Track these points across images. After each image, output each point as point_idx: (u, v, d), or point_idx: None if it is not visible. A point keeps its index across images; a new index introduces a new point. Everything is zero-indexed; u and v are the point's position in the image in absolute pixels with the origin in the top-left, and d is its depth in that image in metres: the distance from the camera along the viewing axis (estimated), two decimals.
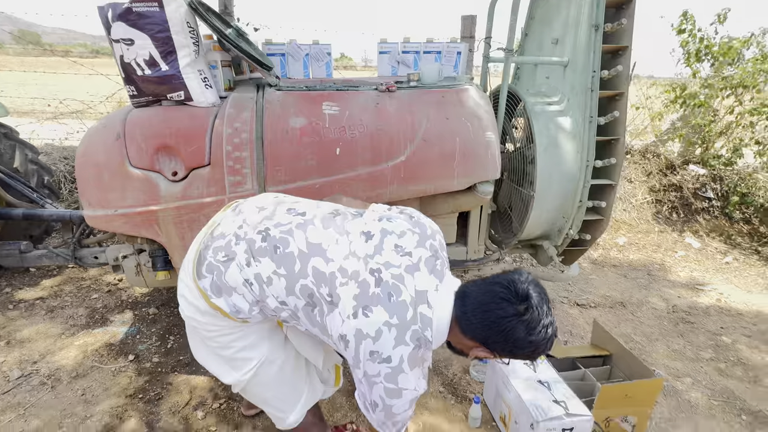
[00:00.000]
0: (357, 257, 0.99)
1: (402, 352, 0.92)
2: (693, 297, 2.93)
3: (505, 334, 0.94)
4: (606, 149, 1.99)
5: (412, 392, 0.97)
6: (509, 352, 0.99)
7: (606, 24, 1.85)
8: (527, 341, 0.94)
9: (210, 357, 1.14)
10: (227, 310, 1.03)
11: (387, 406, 0.97)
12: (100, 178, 1.76)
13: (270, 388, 1.17)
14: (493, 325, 0.95)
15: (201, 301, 1.05)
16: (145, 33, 1.61)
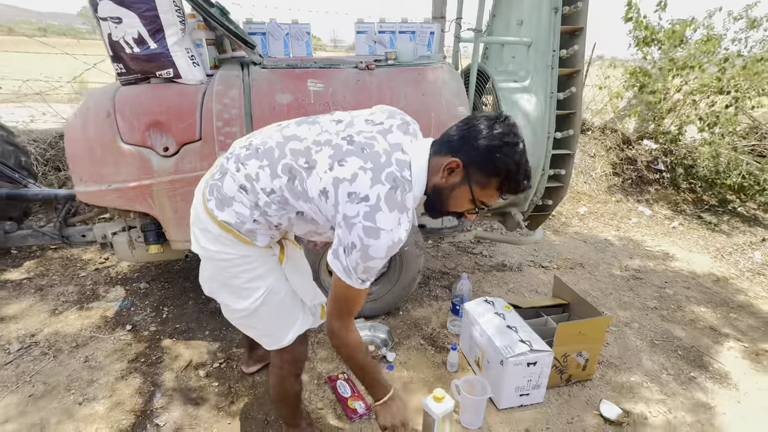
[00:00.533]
0: (329, 132, 1.07)
1: (379, 191, 0.96)
2: (643, 257, 3.27)
3: (471, 134, 1.01)
4: (565, 122, 2.20)
5: (389, 234, 0.96)
6: (475, 154, 1.00)
7: (564, 7, 2.04)
8: (497, 147, 0.98)
9: (221, 288, 1.21)
10: (233, 221, 1.09)
11: (365, 246, 0.96)
12: (92, 154, 1.82)
13: (272, 315, 1.26)
14: (472, 130, 1.01)
15: (211, 224, 1.11)
16: (132, 11, 1.67)
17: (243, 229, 1.12)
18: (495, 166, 1.00)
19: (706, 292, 2.81)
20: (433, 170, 1.06)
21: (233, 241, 1.13)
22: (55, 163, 3.46)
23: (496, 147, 0.98)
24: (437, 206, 1.11)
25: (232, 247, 1.14)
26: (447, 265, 2.97)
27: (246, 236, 1.13)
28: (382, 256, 0.98)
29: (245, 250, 1.16)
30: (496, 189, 1.04)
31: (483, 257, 3.11)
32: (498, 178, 1.02)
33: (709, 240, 3.64)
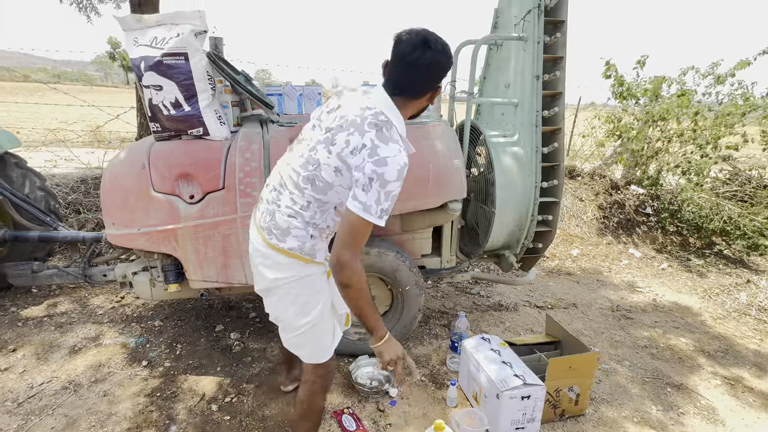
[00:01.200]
0: (313, 138, 1.32)
1: (369, 136, 1.16)
2: (633, 298, 3.41)
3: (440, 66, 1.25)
4: (550, 173, 2.44)
5: (394, 159, 1.15)
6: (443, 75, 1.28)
7: (544, 75, 2.34)
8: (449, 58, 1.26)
9: (288, 307, 1.40)
10: (296, 245, 1.32)
11: (379, 175, 1.13)
12: (126, 201, 2.03)
13: (324, 327, 1.45)
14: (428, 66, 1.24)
15: (280, 256, 1.34)
16: (172, 80, 1.94)
17: (306, 249, 1.35)
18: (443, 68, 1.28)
19: (694, 331, 2.93)
20: (409, 107, 1.31)
21: (299, 264, 1.36)
22: (75, 206, 3.68)
23: (450, 58, 1.27)
24: (417, 115, 1.39)
25: (298, 269, 1.37)
26: (446, 304, 3.11)
27: (309, 255, 1.36)
28: (395, 178, 1.16)
29: (308, 269, 1.38)
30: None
31: (480, 297, 3.25)
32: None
33: (697, 282, 3.79)
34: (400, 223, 2.42)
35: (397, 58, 1.25)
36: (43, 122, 10.78)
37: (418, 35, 1.22)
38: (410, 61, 1.21)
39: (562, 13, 2.31)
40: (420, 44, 1.20)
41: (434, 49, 1.22)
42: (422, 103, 1.33)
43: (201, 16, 1.94)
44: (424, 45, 1.21)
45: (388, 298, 2.47)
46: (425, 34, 1.22)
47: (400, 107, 1.28)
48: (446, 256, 2.63)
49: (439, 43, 1.22)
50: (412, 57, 1.21)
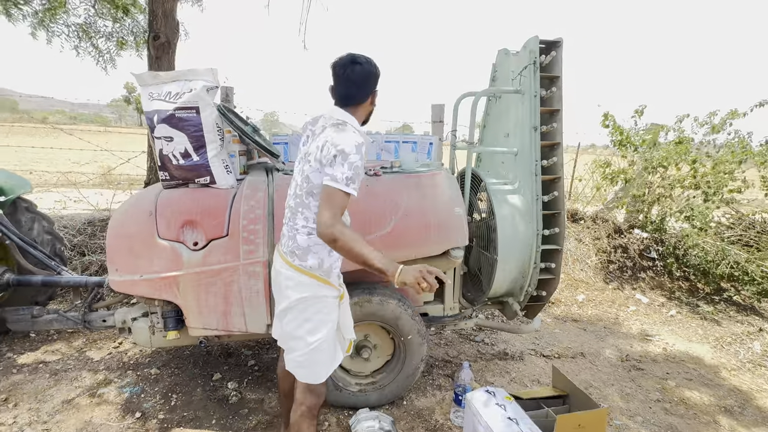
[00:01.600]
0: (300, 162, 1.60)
1: (328, 133, 1.45)
2: (643, 347, 3.31)
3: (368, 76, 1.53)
4: (551, 221, 2.45)
5: (351, 137, 1.42)
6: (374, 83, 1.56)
7: (542, 126, 2.41)
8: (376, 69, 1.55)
9: (302, 324, 1.56)
10: (316, 263, 1.53)
11: (339, 149, 1.39)
12: (131, 248, 2.05)
13: (330, 347, 1.60)
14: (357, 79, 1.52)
15: (302, 276, 1.53)
16: (183, 132, 2.02)
17: (324, 267, 1.55)
18: (377, 77, 1.58)
19: (708, 383, 2.82)
20: (357, 113, 1.57)
21: (318, 284, 1.55)
22: (81, 249, 3.71)
23: (376, 71, 1.57)
24: (368, 119, 1.67)
25: (317, 289, 1.55)
26: (449, 353, 3.03)
27: (326, 275, 1.56)
28: (354, 151, 1.40)
29: (325, 290, 1.56)
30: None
31: (485, 345, 3.17)
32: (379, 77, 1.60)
33: (708, 329, 3.69)
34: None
35: (336, 78, 1.54)
36: (57, 163, 11.11)
37: (346, 56, 1.53)
38: (346, 76, 1.51)
39: (556, 69, 2.42)
40: (349, 62, 1.51)
41: (361, 63, 1.51)
42: (368, 107, 1.61)
43: (213, 73, 2.05)
44: (352, 62, 1.51)
45: (389, 348, 2.41)
46: (351, 54, 1.53)
47: (352, 114, 1.56)
48: (449, 303, 2.60)
49: (363, 58, 1.53)
50: (346, 73, 1.50)
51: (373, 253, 1.36)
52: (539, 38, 2.37)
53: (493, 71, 2.90)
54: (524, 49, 2.46)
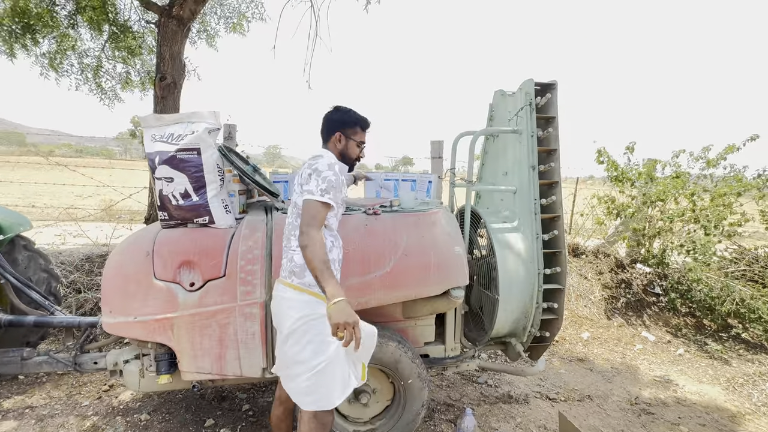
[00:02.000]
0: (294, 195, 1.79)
1: (308, 164, 1.70)
2: (652, 389, 3.20)
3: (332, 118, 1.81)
4: (552, 259, 2.43)
5: (324, 158, 1.68)
6: (341, 123, 1.80)
7: (540, 165, 2.43)
8: (345, 114, 1.80)
9: (306, 346, 1.56)
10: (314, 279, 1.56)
11: (314, 169, 1.63)
12: (126, 289, 2.02)
13: (336, 370, 1.57)
14: (329, 122, 1.81)
15: (301, 294, 1.60)
16: (183, 173, 2.03)
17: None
18: (348, 121, 1.81)
19: (722, 429, 2.70)
20: (329, 149, 1.81)
21: (318, 302, 1.57)
22: (77, 286, 3.66)
23: (343, 115, 1.81)
24: (348, 160, 1.85)
25: (318, 307, 1.57)
26: (452, 395, 2.92)
27: (320, 292, 1.54)
28: (327, 169, 1.62)
29: (324, 308, 1.51)
30: (360, 129, 1.84)
31: (488, 387, 3.06)
32: (355, 124, 1.82)
33: (718, 369, 3.58)
34: (402, 310, 2.37)
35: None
36: (60, 196, 11.21)
37: (332, 107, 1.84)
38: (322, 119, 1.83)
39: (552, 110, 2.47)
40: (330, 110, 1.84)
41: (333, 111, 1.82)
42: (336, 144, 1.81)
43: (216, 115, 2.09)
44: (330, 109, 1.84)
45: (389, 392, 2.33)
46: (336, 105, 1.84)
47: (327, 149, 1.81)
48: (450, 344, 2.53)
49: (339, 107, 1.83)
50: (323, 117, 1.83)
51: (327, 273, 1.46)
52: (534, 81, 2.43)
53: (491, 111, 2.97)
54: (520, 91, 2.52)
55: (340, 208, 1.74)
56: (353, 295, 2.11)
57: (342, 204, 1.75)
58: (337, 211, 1.73)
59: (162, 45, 3.75)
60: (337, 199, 1.64)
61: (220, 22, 5.14)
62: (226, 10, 5.04)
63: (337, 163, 1.71)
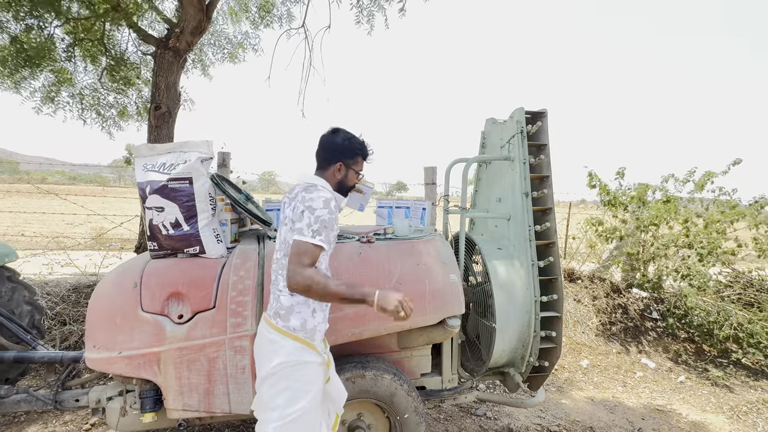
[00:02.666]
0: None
1: (300, 195, 1.58)
2: (656, 419, 3.11)
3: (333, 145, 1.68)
4: (548, 286, 2.40)
5: (319, 194, 1.53)
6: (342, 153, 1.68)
7: (533, 191, 2.44)
8: (347, 141, 1.68)
9: (282, 392, 1.50)
10: (299, 323, 1.54)
11: (307, 206, 1.51)
12: (112, 321, 1.95)
13: (312, 419, 1.51)
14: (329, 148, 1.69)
15: (285, 339, 1.52)
16: (174, 202, 2.01)
17: (308, 328, 1.54)
18: (350, 150, 1.70)
19: None
20: (327, 177, 1.68)
21: (301, 348, 1.51)
22: (62, 317, 3.55)
23: (345, 143, 1.69)
24: (341, 190, 1.73)
25: (299, 354, 1.51)
26: (450, 429, 2.82)
27: (309, 338, 1.54)
28: (321, 206, 1.50)
29: (307, 356, 1.53)
30: (361, 159, 1.74)
31: (487, 420, 2.96)
32: (356, 154, 1.71)
33: (721, 397, 3.50)
34: (397, 341, 2.31)
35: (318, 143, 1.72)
36: (50, 224, 11.08)
37: (331, 128, 1.72)
38: (321, 141, 1.71)
39: (543, 137, 2.50)
40: (329, 131, 1.72)
41: (335, 133, 1.70)
42: (336, 174, 1.69)
43: (208, 145, 2.09)
44: (331, 131, 1.71)
45: (385, 427, 2.24)
46: (336, 127, 1.72)
47: (323, 177, 1.68)
48: (447, 375, 2.46)
49: (341, 131, 1.71)
50: (322, 139, 1.71)
51: (346, 290, 1.42)
52: (525, 109, 2.48)
53: (483, 138, 3.00)
54: (511, 119, 2.56)
55: (331, 246, 1.62)
56: (346, 326, 2.05)
57: (334, 241, 1.63)
58: (328, 251, 1.62)
59: (158, 75, 3.80)
60: (329, 239, 1.54)
61: (217, 54, 5.24)
62: (222, 42, 5.14)
63: (333, 199, 1.57)
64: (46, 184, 22.64)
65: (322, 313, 1.62)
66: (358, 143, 1.71)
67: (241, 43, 5.31)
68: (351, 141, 1.69)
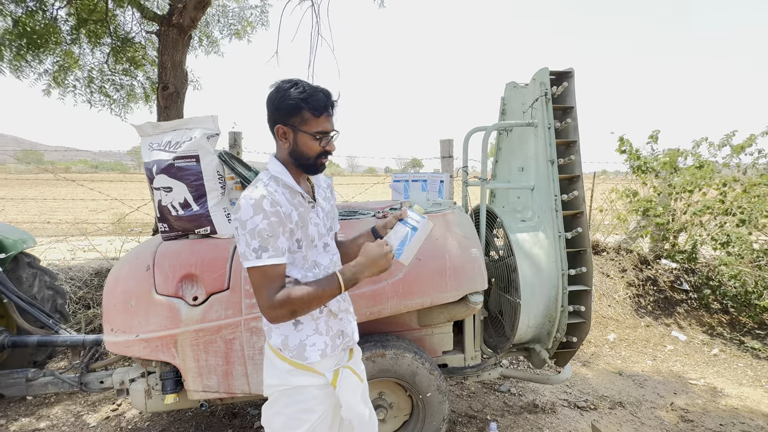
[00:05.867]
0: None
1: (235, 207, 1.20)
2: (688, 393, 2.99)
3: (268, 104, 1.23)
4: (576, 259, 2.27)
5: (245, 197, 1.16)
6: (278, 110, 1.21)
7: (559, 159, 2.28)
8: (281, 93, 1.19)
9: (276, 416, 1.28)
10: (279, 341, 1.26)
11: (236, 219, 1.15)
12: (127, 305, 1.93)
13: None
14: (269, 109, 1.23)
15: (275, 359, 1.27)
16: (182, 182, 1.94)
17: (292, 345, 1.25)
18: (287, 104, 1.19)
19: None
20: (279, 156, 1.28)
21: (291, 371, 1.25)
22: (86, 301, 3.61)
23: (279, 95, 1.20)
24: (304, 164, 1.26)
25: (287, 377, 1.26)
26: (473, 406, 2.76)
27: (297, 357, 1.25)
28: (251, 214, 1.13)
29: (299, 379, 1.25)
30: (310, 114, 1.20)
31: (512, 396, 2.90)
32: (298, 107, 1.19)
33: (759, 370, 3.34)
34: (417, 318, 2.23)
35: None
36: (75, 211, 11.40)
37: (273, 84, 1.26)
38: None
39: (569, 99, 2.31)
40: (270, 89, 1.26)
41: (271, 89, 1.24)
42: (282, 147, 1.26)
43: (213, 120, 1.99)
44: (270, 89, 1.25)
45: (407, 406, 2.19)
46: (279, 82, 1.24)
47: (276, 157, 1.29)
48: (470, 352, 2.38)
49: (277, 84, 1.23)
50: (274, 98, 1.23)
51: (326, 289, 1.16)
52: (549, 69, 2.29)
53: (502, 104, 2.82)
54: (534, 82, 2.38)
55: (302, 246, 1.26)
56: (364, 304, 1.98)
57: (302, 239, 1.25)
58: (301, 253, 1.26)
59: (163, 54, 3.70)
60: (282, 246, 1.17)
61: (224, 30, 5.10)
62: (228, 17, 4.99)
63: (266, 196, 1.15)
64: (70, 173, 23.22)
65: (313, 322, 1.27)
66: (298, 91, 1.18)
67: (249, 21, 5.15)
68: (286, 91, 1.19)
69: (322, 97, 1.21)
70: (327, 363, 1.29)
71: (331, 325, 1.32)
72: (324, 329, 1.29)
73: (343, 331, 1.35)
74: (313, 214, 1.32)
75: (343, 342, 1.35)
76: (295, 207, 1.25)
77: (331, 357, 1.30)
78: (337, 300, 1.33)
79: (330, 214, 1.45)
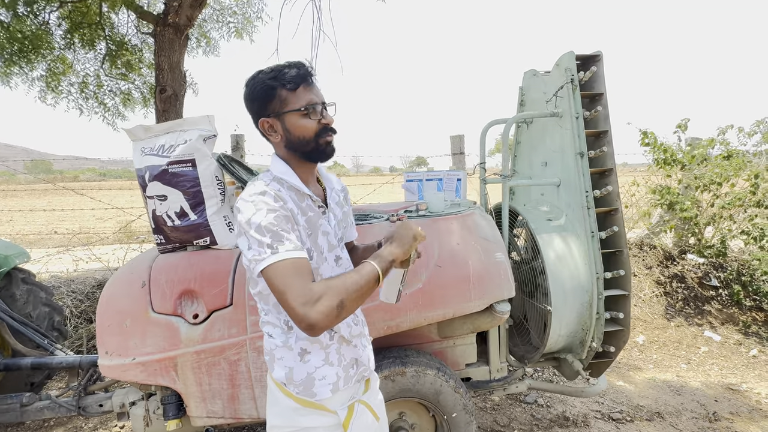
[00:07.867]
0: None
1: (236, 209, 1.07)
2: (731, 400, 2.77)
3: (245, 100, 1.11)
4: (611, 261, 2.06)
5: (244, 195, 1.04)
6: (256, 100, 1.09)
7: (589, 151, 2.08)
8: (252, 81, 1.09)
9: None
10: (283, 374, 1.08)
11: (239, 221, 1.00)
12: (122, 325, 1.76)
13: None
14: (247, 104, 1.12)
15: (278, 392, 1.10)
16: (177, 189, 1.77)
17: (297, 380, 1.07)
18: (262, 89, 1.07)
19: None
20: (276, 153, 1.16)
21: (295, 410, 1.08)
22: (88, 315, 3.47)
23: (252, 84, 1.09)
24: (306, 150, 1.11)
25: (294, 418, 1.08)
26: (499, 420, 2.57)
27: (304, 393, 1.07)
28: (253, 210, 0.99)
29: (309, 419, 1.07)
30: (285, 91, 1.07)
31: (539, 408, 2.70)
32: (272, 89, 1.06)
33: None
34: (437, 330, 2.05)
35: None
36: (82, 220, 11.36)
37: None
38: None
39: (598, 85, 2.11)
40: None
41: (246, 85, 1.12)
42: (275, 142, 1.14)
43: (210, 120, 1.82)
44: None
45: (431, 427, 2.00)
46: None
47: (275, 153, 1.17)
48: (495, 364, 2.20)
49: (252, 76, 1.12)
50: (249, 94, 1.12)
51: (371, 268, 0.99)
52: (575, 53, 2.09)
53: (521, 95, 2.62)
54: (557, 68, 2.17)
55: (314, 251, 1.11)
56: (381, 318, 1.80)
57: (313, 232, 1.11)
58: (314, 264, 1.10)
59: (160, 55, 3.55)
60: (295, 238, 1.00)
61: (223, 29, 4.94)
62: (226, 15, 4.83)
63: (266, 191, 1.02)
64: (78, 182, 23.25)
65: (322, 351, 1.09)
66: (265, 75, 1.07)
67: (250, 19, 4.98)
68: (255, 80, 1.08)
69: (293, 70, 1.08)
70: (339, 398, 1.11)
71: (344, 354, 1.13)
72: (335, 359, 1.11)
73: (357, 359, 1.17)
74: (324, 221, 1.14)
75: (357, 372, 1.17)
76: (302, 211, 1.08)
77: (344, 390, 1.12)
78: (349, 324, 1.15)
79: (342, 222, 1.27)
